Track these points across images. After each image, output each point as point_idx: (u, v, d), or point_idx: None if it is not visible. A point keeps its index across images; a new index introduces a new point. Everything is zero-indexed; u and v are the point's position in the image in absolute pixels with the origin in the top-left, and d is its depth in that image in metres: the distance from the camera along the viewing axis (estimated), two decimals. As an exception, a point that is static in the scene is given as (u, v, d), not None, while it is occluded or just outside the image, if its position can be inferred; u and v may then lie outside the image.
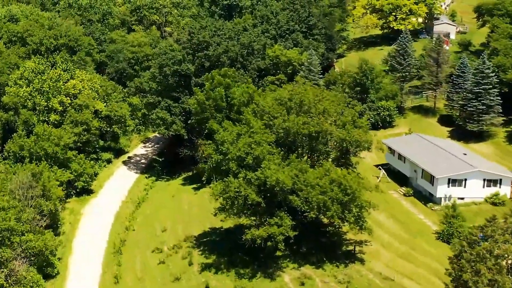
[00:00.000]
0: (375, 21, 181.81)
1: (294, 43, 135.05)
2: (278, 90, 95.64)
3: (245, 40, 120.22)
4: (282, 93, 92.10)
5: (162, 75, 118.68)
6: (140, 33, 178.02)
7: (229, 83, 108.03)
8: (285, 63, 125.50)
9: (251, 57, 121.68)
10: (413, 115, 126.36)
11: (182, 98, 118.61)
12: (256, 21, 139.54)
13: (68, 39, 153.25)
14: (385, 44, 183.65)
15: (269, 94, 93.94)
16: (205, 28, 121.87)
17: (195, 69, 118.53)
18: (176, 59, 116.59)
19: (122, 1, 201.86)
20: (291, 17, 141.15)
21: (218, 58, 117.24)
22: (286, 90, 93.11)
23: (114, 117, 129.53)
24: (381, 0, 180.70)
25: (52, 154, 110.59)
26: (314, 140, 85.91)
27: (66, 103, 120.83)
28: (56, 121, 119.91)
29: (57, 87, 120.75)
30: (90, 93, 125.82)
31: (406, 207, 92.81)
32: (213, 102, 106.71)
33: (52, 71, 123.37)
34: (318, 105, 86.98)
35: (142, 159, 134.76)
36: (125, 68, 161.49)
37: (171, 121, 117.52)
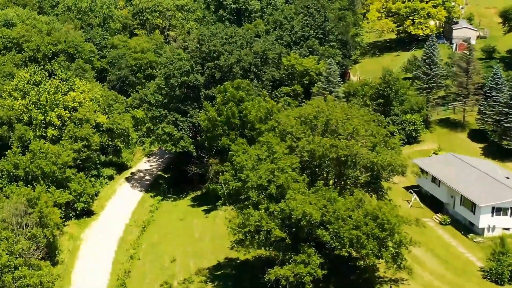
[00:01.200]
0: (391, 25, 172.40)
1: (309, 50, 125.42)
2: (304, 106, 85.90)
3: (258, 48, 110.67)
4: (305, 110, 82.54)
5: (168, 86, 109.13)
6: (143, 38, 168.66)
7: (243, 97, 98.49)
8: (301, 73, 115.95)
9: (265, 67, 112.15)
10: (440, 130, 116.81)
11: (190, 112, 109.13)
12: (269, 27, 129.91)
13: (68, 45, 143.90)
14: (401, 49, 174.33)
15: (291, 112, 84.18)
16: (215, 35, 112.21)
17: (205, 80, 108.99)
18: (184, 69, 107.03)
19: (124, 3, 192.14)
20: (306, 22, 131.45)
21: (230, 69, 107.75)
22: (310, 106, 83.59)
23: (116, 130, 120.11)
24: (397, 3, 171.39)
25: (50, 173, 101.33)
26: (342, 164, 76.50)
27: (64, 117, 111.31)
28: (54, 137, 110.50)
29: (55, 100, 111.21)
30: (91, 105, 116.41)
31: (444, 238, 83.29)
32: (226, 119, 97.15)
33: (49, 82, 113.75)
34: (347, 124, 77.49)
35: (146, 176, 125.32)
36: (127, 75, 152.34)
37: (179, 137, 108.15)
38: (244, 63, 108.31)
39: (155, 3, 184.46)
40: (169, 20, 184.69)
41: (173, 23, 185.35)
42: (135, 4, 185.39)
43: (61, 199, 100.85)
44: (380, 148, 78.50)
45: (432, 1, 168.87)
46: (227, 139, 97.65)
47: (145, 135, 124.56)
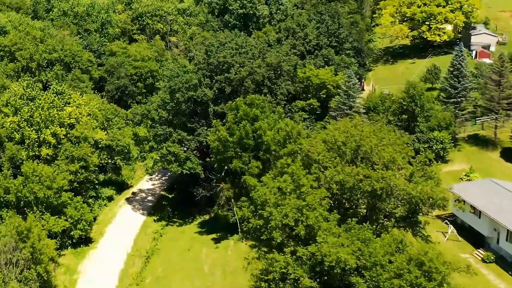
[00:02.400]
0: (407, 31, 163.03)
1: (324, 60, 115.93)
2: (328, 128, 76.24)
3: (272, 60, 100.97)
4: (331, 134, 73.04)
5: (173, 101, 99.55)
6: (143, 44, 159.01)
7: (257, 115, 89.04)
8: (318, 86, 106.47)
9: (279, 80, 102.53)
10: (469, 148, 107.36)
11: (198, 130, 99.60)
12: (281, 35, 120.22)
13: (64, 53, 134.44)
14: (416, 56, 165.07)
15: (316, 135, 74.61)
16: (224, 45, 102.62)
17: (214, 95, 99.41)
18: (191, 83, 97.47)
19: (122, 7, 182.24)
20: (319, 29, 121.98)
21: (241, 82, 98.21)
22: (334, 127, 74.18)
23: (116, 147, 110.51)
24: (413, 7, 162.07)
25: (44, 198, 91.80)
26: (376, 197, 67.08)
27: (60, 134, 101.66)
28: (48, 156, 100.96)
29: (49, 116, 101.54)
30: (89, 120, 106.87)
31: (489, 279, 73.82)
32: (238, 139, 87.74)
33: (44, 96, 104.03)
34: (382, 152, 68.03)
35: (148, 196, 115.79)
36: (126, 85, 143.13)
37: (185, 157, 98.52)
38: (257, 76, 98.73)
39: (155, 7, 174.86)
40: (170, 25, 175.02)
41: (174, 28, 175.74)
42: (135, 8, 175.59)
43: (56, 227, 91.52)
44: (418, 178, 69.25)
45: (449, 6, 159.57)
46: (239, 161, 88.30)
47: (148, 152, 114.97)
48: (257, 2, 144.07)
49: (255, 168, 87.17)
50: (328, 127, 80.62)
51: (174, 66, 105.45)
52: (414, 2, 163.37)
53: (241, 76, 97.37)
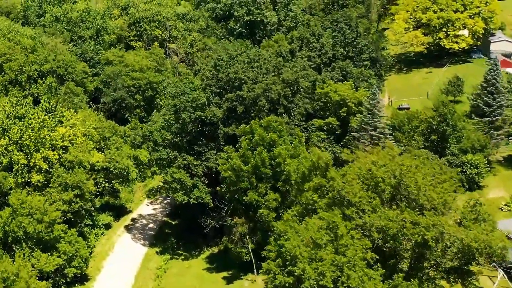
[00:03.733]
0: (422, 38, 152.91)
1: (342, 73, 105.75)
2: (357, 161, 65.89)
3: (289, 75, 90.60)
4: (364, 166, 62.92)
5: (179, 122, 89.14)
6: (142, 53, 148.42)
7: (275, 140, 78.75)
8: (337, 103, 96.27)
9: (296, 98, 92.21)
10: (505, 171, 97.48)
11: (206, 154, 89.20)
12: (294, 45, 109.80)
13: (56, 64, 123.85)
14: (432, 65, 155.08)
15: (348, 170, 64.29)
16: (235, 58, 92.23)
17: (224, 115, 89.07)
18: (198, 102, 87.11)
19: (118, 12, 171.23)
20: (336, 39, 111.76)
21: (255, 101, 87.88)
22: (365, 159, 64.05)
23: (114, 170, 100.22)
24: (429, 13, 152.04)
25: (34, 233, 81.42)
26: (424, 246, 56.97)
27: (52, 159, 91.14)
28: (39, 183, 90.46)
29: (40, 138, 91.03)
30: (84, 141, 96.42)
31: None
32: (253, 168, 77.54)
33: (34, 115, 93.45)
34: (431, 192, 57.86)
35: (150, 223, 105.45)
36: (124, 97, 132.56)
37: (192, 185, 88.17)
38: (272, 94, 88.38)
39: (153, 12, 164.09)
40: (169, 31, 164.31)
41: (173, 35, 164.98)
42: (131, 13, 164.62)
43: (48, 266, 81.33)
44: (469, 222, 59.29)
45: (467, 11, 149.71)
46: (255, 193, 78.03)
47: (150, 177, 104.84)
48: (264, 8, 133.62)
49: (273, 201, 77.02)
50: (359, 155, 70.35)
51: (179, 82, 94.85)
52: (429, 7, 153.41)
53: (255, 94, 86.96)
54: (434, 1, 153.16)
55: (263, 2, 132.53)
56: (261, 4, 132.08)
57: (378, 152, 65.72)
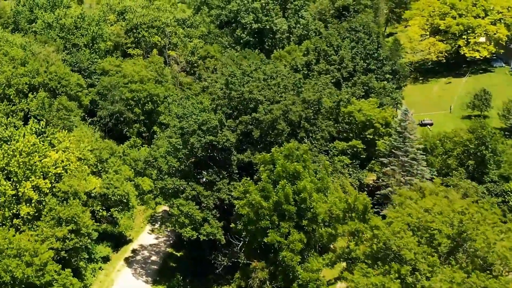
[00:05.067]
0: (441, 46, 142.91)
1: (365, 88, 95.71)
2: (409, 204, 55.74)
3: (310, 95, 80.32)
4: (414, 212, 52.83)
5: (187, 148, 78.85)
6: (140, 62, 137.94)
7: (299, 171, 68.59)
8: (363, 124, 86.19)
9: (318, 120, 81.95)
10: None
11: (218, 184, 78.89)
12: (310, 57, 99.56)
13: (49, 77, 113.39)
14: (450, 74, 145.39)
15: (396, 216, 54.17)
16: (249, 74, 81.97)
17: (237, 139, 78.82)
18: (210, 125, 76.81)
19: (115, 18, 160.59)
20: (354, 49, 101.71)
21: (272, 124, 77.60)
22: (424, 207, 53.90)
23: (113, 197, 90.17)
24: (447, 19, 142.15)
25: (23, 278, 71.23)
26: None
27: (43, 188, 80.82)
28: (29, 216, 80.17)
29: (30, 165, 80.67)
30: (79, 166, 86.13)
31: None
32: (275, 204, 67.42)
33: (21, 139, 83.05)
34: (503, 249, 47.84)
35: (152, 255, 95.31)
36: (122, 111, 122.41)
37: (202, 219, 77.95)
38: (292, 116, 78.08)
39: (152, 18, 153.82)
40: (169, 37, 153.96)
41: (173, 41, 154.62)
42: (129, 19, 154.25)
43: (38, 316, 70.99)
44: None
45: (489, 17, 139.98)
46: (277, 233, 67.88)
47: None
48: (274, 15, 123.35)
49: (298, 242, 66.89)
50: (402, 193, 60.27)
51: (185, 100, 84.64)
52: (447, 12, 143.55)
53: (273, 117, 76.66)
54: (452, 6, 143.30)
55: (272, 8, 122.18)
56: (271, 10, 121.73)
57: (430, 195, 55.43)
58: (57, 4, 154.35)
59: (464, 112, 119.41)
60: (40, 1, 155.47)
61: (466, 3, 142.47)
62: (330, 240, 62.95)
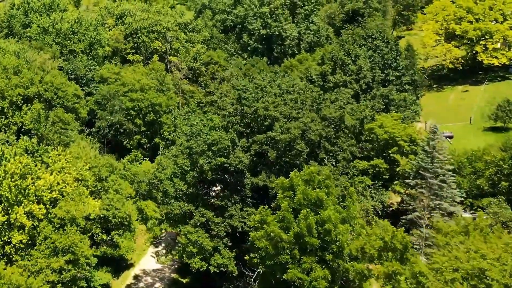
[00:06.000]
0: (457, 52, 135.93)
1: (384, 101, 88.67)
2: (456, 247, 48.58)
3: (332, 112, 73.12)
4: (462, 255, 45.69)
5: (195, 170, 71.68)
6: (140, 69, 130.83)
7: (322, 199, 61.48)
8: (385, 142, 79.12)
9: (340, 140, 74.74)
10: None
11: (229, 209, 71.70)
12: (326, 67, 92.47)
13: (44, 88, 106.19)
14: (467, 81, 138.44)
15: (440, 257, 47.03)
16: (263, 89, 74.83)
17: (251, 160, 71.65)
18: (221, 146, 69.64)
19: (113, 22, 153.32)
20: (372, 59, 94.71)
21: (290, 144, 70.45)
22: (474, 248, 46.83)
23: (113, 219, 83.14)
24: (464, 23, 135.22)
25: (14, 318, 64.16)
26: None
27: (38, 214, 73.66)
28: (22, 244, 72.98)
29: (22, 189, 73.50)
30: (77, 188, 78.94)
31: None
32: (295, 237, 60.33)
33: (12, 160, 75.76)
34: None
35: (156, 281, 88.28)
36: (122, 122, 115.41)
37: (213, 248, 70.76)
38: (312, 135, 70.88)
39: (152, 22, 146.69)
40: (170, 42, 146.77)
41: (175, 47, 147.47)
42: (128, 23, 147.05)
43: None
44: None
45: (507, 22, 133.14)
46: (298, 269, 60.73)
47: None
48: (283, 21, 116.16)
49: (321, 279, 59.78)
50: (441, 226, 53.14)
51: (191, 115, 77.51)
52: (464, 16, 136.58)
53: (290, 136, 69.44)
54: (469, 10, 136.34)
55: (282, 13, 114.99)
56: (280, 15, 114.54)
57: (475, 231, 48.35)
58: (53, 7, 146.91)
59: (485, 123, 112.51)
60: (36, 4, 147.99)
61: (483, 7, 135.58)
62: (360, 280, 55.87)
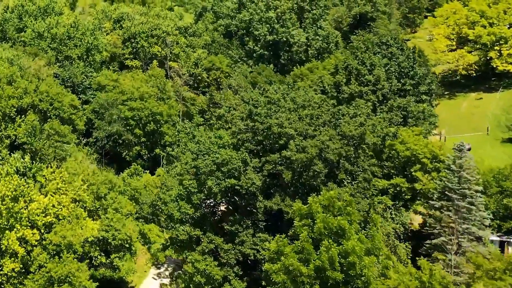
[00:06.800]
0: (471, 58, 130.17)
1: (402, 114, 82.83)
2: None
3: (352, 129, 67.13)
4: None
5: (203, 192, 65.72)
6: (140, 75, 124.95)
7: (344, 228, 55.67)
8: (407, 158, 73.27)
9: (360, 159, 68.77)
10: None
11: (240, 235, 65.78)
12: (340, 77, 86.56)
13: (39, 98, 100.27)
14: (480, 88, 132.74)
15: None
16: (276, 103, 68.92)
17: (264, 182, 65.73)
18: (231, 166, 63.73)
19: (111, 26, 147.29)
20: (388, 67, 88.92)
21: (307, 164, 64.55)
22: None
23: (113, 241, 77.30)
24: (477, 28, 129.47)
25: None
26: None
27: (31, 240, 67.72)
28: (14, 273, 67.07)
29: (15, 213, 67.54)
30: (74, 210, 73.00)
31: None
32: (316, 270, 54.47)
33: (3, 181, 69.69)
34: None
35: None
36: (120, 132, 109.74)
37: (222, 278, 64.83)
38: (331, 155, 64.96)
39: (151, 26, 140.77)
40: (170, 47, 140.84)
41: (175, 52, 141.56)
42: (126, 27, 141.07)
43: None
44: None
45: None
46: (319, 306, 54.91)
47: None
48: (291, 26, 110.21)
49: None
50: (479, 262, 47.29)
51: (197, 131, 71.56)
52: (477, 21, 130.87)
53: (307, 156, 63.50)
54: (482, 13, 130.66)
55: (289, 18, 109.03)
56: (287, 20, 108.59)
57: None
58: (49, 11, 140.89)
59: (503, 134, 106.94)
60: (30, 8, 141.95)
61: (497, 10, 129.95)
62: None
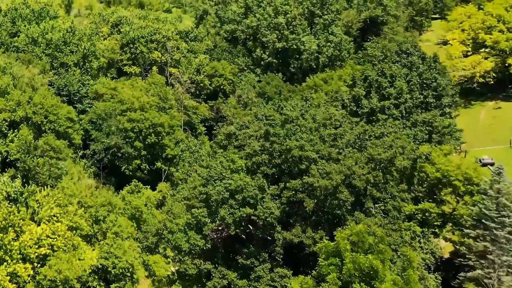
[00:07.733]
0: (488, 65, 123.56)
1: (428, 130, 76.06)
2: None
3: (380, 152, 60.21)
4: None
5: (215, 221, 58.90)
6: (139, 83, 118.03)
7: (377, 268, 48.93)
8: (437, 181, 66.53)
9: (389, 185, 61.82)
10: None
11: (256, 270, 58.96)
12: (358, 90, 79.75)
13: (33, 110, 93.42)
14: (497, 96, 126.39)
15: None
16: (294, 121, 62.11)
17: (283, 211, 58.92)
18: (247, 194, 56.89)
19: (109, 30, 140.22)
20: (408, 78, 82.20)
21: (331, 193, 57.70)
22: None
23: (113, 270, 70.80)
24: (495, 33, 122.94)
25: None
26: None
27: (23, 275, 60.87)
28: (4, 312, 60.40)
29: (4, 245, 60.71)
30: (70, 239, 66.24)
31: None
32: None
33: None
34: None
35: None
36: (120, 145, 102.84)
37: (237, 317, 58.12)
38: (358, 181, 58.14)
39: (151, 30, 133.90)
40: (170, 53, 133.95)
41: (176, 57, 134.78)
42: (124, 32, 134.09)
43: None
44: None
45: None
46: None
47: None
48: (301, 32, 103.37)
49: None
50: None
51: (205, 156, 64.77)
52: (494, 25, 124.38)
53: (332, 183, 56.70)
54: (499, 18, 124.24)
55: (299, 23, 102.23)
56: (297, 26, 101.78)
57: None
58: (43, 15, 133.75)
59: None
60: (24, 11, 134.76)
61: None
62: None
